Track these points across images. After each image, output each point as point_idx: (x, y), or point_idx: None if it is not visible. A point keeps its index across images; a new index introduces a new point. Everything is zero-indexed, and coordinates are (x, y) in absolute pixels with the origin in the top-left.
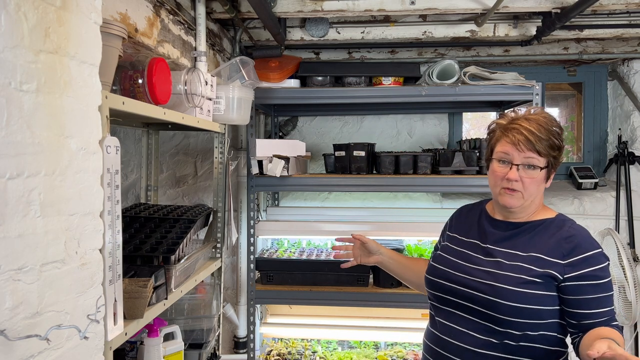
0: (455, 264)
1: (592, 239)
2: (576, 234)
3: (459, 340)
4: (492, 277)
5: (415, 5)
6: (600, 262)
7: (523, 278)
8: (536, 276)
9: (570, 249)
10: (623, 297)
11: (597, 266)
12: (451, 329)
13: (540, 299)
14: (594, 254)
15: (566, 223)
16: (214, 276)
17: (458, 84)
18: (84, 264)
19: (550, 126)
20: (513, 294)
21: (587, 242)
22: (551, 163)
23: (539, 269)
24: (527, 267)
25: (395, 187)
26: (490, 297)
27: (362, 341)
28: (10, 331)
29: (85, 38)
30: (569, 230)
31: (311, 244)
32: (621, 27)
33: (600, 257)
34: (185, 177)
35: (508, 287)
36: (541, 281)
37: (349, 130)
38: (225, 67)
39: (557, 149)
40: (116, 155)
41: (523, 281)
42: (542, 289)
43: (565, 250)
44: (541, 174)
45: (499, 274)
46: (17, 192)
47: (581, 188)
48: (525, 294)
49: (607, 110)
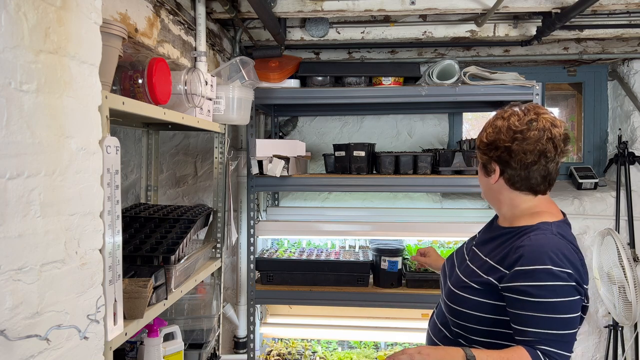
0: (443, 267)
1: (542, 255)
2: (527, 245)
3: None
4: (451, 277)
5: (415, 5)
6: (538, 280)
7: (464, 281)
8: (477, 282)
9: (515, 259)
10: (623, 297)
11: (533, 283)
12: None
13: (475, 305)
14: (533, 269)
15: (531, 233)
16: (214, 276)
17: (458, 84)
18: (84, 264)
19: (489, 123)
20: (451, 295)
21: (532, 255)
22: (482, 158)
23: (484, 275)
24: (476, 271)
25: (395, 187)
26: (445, 298)
27: (362, 341)
28: (10, 331)
29: (85, 38)
30: (524, 241)
31: (311, 244)
32: (621, 27)
33: (542, 274)
34: (185, 177)
35: (452, 289)
36: (480, 288)
37: (349, 130)
38: (225, 67)
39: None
40: (116, 155)
41: (464, 285)
42: (479, 295)
43: (511, 259)
44: (479, 165)
45: (455, 275)
46: (17, 192)
47: (581, 188)
48: (461, 297)
49: (607, 110)
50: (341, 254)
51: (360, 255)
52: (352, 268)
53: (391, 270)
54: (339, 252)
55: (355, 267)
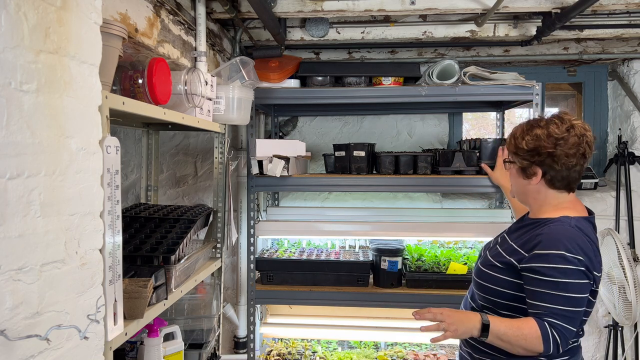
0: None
1: (557, 242)
2: (547, 232)
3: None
4: (482, 258)
5: (415, 5)
6: (553, 262)
7: (490, 261)
8: (500, 262)
9: (534, 244)
10: (623, 297)
11: (549, 264)
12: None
13: (498, 281)
14: (548, 253)
15: (553, 223)
16: (214, 276)
17: (458, 84)
18: (84, 264)
19: (516, 131)
20: (479, 272)
21: (549, 242)
22: (522, 163)
23: (507, 257)
24: (502, 253)
25: (395, 187)
26: (474, 274)
27: (362, 341)
28: (11, 331)
29: (86, 38)
30: (544, 229)
31: (311, 244)
32: (621, 27)
33: (555, 257)
34: (185, 177)
35: (480, 267)
36: (502, 267)
37: (349, 130)
38: (225, 67)
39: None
40: (116, 155)
41: (490, 263)
42: (501, 273)
43: (531, 244)
44: (513, 168)
45: (484, 256)
46: (17, 192)
47: (581, 188)
48: (488, 275)
49: (607, 110)
50: (341, 254)
51: (360, 255)
52: (352, 268)
53: (391, 270)
54: (339, 252)
55: (355, 267)
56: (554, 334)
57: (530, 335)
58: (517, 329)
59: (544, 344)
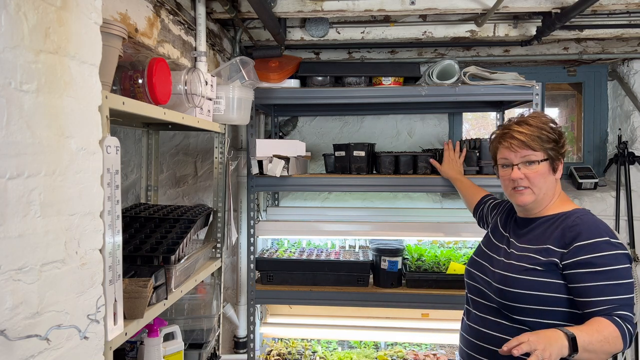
0: (481, 266)
1: (597, 228)
2: (580, 222)
3: (487, 329)
4: (503, 267)
5: (415, 5)
6: (600, 250)
7: (524, 266)
8: (538, 264)
9: (572, 237)
10: None
11: (597, 254)
12: (482, 318)
13: (541, 285)
14: (594, 242)
15: (576, 214)
16: (214, 276)
17: (458, 84)
18: (84, 264)
19: (539, 122)
20: (515, 281)
21: (589, 231)
22: (550, 155)
23: (543, 258)
24: (533, 256)
25: (395, 187)
26: (500, 285)
27: (362, 341)
28: (11, 331)
29: (86, 38)
30: (574, 220)
31: (311, 244)
32: (621, 27)
33: (602, 244)
34: (185, 177)
35: (511, 275)
36: (542, 269)
37: (349, 130)
38: (225, 67)
39: (552, 141)
40: (116, 155)
41: (524, 268)
42: (543, 275)
43: (568, 238)
44: (542, 166)
45: (507, 264)
46: (17, 192)
47: (581, 188)
48: (527, 281)
49: (607, 110)
50: (341, 254)
51: (360, 255)
52: (352, 268)
53: (391, 270)
54: (339, 252)
55: (355, 267)
56: (627, 326)
57: (612, 336)
58: (599, 332)
59: (623, 342)
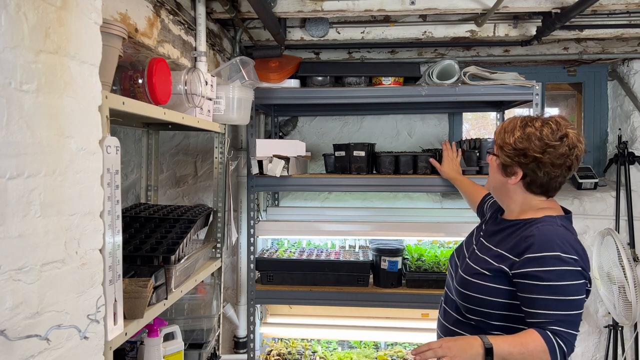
0: (454, 262)
1: (551, 243)
2: (537, 234)
3: (449, 323)
4: (465, 266)
5: (415, 5)
6: (548, 265)
7: (476, 269)
8: (488, 270)
9: (525, 247)
10: (623, 297)
11: (544, 268)
12: (447, 312)
13: (487, 290)
14: (543, 256)
15: (538, 223)
16: (214, 276)
17: (458, 84)
18: (84, 264)
19: (508, 125)
20: (468, 282)
21: (542, 244)
22: (505, 159)
23: (495, 263)
24: (488, 260)
25: (395, 187)
26: (457, 284)
27: (362, 341)
28: (11, 331)
29: (86, 38)
30: (532, 230)
31: (311, 244)
32: (621, 27)
33: (551, 259)
34: (185, 177)
35: (464, 276)
36: (491, 274)
37: (349, 130)
38: (225, 67)
39: (512, 148)
40: (116, 155)
41: (476, 272)
42: (490, 281)
43: (521, 248)
44: (491, 159)
45: (468, 265)
46: (17, 192)
47: (581, 188)
48: (475, 284)
49: (607, 110)
50: (341, 254)
51: (360, 255)
52: (352, 268)
53: (391, 270)
54: (339, 252)
55: (355, 267)
56: (559, 342)
57: (536, 350)
58: (522, 345)
59: (550, 356)
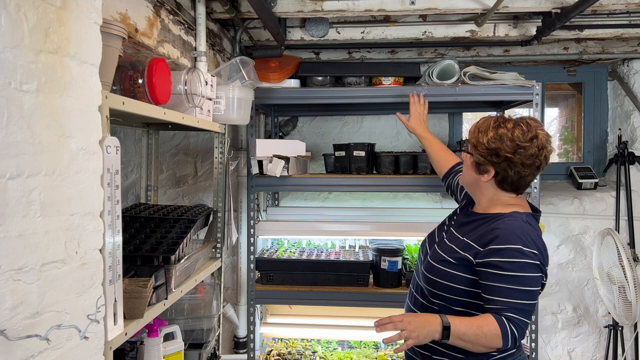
0: (425, 247)
1: (514, 236)
2: (502, 227)
3: (414, 306)
4: (432, 253)
5: (415, 5)
6: (509, 257)
7: (442, 256)
8: (453, 258)
9: (490, 239)
10: (623, 297)
11: (506, 259)
12: (413, 295)
13: (451, 276)
14: (505, 248)
15: (505, 218)
16: (214, 276)
17: (458, 84)
18: (84, 264)
19: (482, 124)
20: (433, 268)
21: (506, 236)
22: (478, 158)
23: (461, 251)
24: (454, 248)
25: (395, 187)
26: (424, 268)
27: (362, 341)
28: (10, 331)
29: (86, 38)
30: (499, 224)
31: (311, 244)
32: (621, 27)
33: (513, 252)
34: (185, 177)
35: (431, 262)
36: (455, 262)
37: (349, 130)
38: (225, 67)
39: (485, 147)
40: (116, 155)
41: (442, 259)
42: (454, 269)
43: (486, 239)
44: (466, 156)
45: (435, 251)
46: (17, 192)
47: (581, 188)
48: (440, 270)
49: (607, 110)
50: (341, 254)
51: (360, 255)
52: (352, 268)
53: (391, 270)
54: (339, 252)
55: (355, 267)
56: (512, 328)
57: (490, 333)
58: (477, 327)
59: (503, 340)
